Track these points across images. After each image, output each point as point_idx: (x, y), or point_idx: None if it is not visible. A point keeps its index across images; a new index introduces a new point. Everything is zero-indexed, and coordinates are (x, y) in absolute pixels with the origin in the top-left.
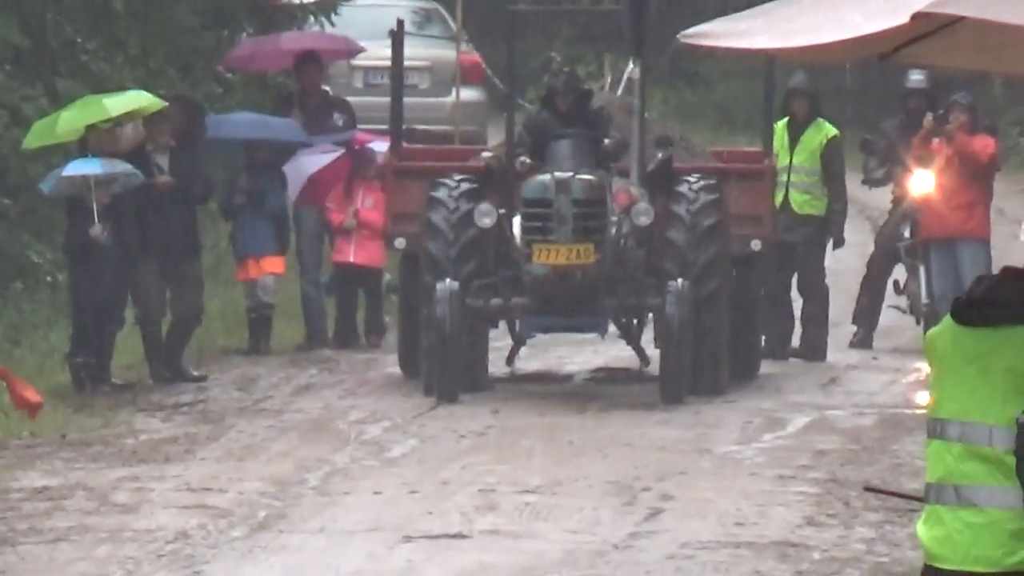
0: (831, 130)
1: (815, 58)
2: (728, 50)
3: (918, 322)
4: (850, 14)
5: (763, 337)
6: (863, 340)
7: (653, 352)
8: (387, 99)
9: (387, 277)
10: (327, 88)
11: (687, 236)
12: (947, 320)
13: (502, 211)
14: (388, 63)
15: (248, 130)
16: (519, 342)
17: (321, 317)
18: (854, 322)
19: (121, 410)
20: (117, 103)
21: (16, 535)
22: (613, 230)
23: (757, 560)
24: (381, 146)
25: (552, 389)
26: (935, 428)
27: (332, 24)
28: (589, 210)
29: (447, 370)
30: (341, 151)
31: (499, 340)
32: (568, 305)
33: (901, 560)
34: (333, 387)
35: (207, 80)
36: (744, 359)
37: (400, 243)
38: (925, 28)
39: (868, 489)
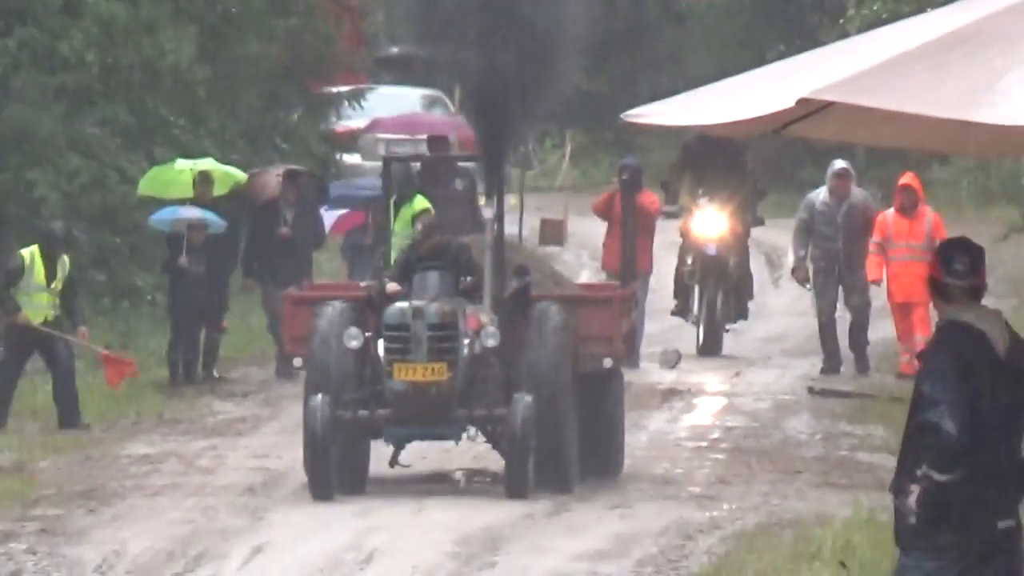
0: None
1: (730, 133)
2: (663, 127)
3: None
4: (749, 100)
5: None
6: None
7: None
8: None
9: None
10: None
11: (538, 356)
12: None
13: (368, 334)
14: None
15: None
16: (398, 446)
17: None
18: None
19: (204, 396)
20: (206, 163)
21: (125, 490)
22: (465, 351)
23: (681, 509)
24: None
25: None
26: None
27: (362, 107)
28: (442, 333)
29: (318, 473)
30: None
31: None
32: (426, 416)
33: (789, 508)
34: None
35: (267, 150)
36: (604, 461)
37: (298, 362)
38: (806, 109)
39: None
